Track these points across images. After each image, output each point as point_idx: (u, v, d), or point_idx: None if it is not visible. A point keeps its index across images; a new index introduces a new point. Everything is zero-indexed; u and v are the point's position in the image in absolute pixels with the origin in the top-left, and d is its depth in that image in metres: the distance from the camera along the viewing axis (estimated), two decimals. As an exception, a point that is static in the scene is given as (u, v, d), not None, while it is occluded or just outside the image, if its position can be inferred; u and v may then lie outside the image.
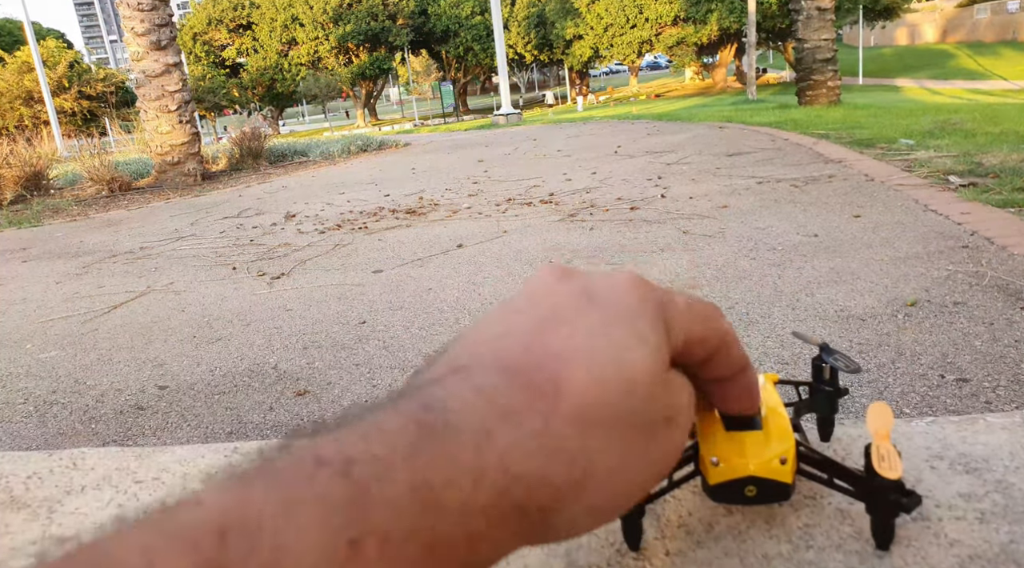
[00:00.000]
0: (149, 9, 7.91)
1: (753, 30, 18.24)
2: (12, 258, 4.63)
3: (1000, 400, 1.56)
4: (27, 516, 0.49)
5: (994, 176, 3.82)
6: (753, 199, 3.97)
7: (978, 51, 33.15)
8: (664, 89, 37.54)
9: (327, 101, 39.71)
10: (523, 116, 17.81)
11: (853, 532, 0.37)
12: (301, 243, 4.11)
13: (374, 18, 32.95)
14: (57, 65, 28.06)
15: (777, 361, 1.87)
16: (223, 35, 35.09)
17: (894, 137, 5.87)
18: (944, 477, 0.40)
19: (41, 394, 2.18)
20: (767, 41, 30.92)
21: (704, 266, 2.79)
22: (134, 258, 4.19)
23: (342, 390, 1.99)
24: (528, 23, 34.89)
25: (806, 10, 11.99)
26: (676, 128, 9.25)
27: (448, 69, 38.03)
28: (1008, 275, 2.33)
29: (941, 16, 39.32)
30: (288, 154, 10.37)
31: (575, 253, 3.21)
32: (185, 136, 8.34)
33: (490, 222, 4.15)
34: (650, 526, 0.39)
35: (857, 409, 1.58)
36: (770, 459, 0.38)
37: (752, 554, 0.36)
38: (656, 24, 29.68)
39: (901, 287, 2.31)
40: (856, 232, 3.05)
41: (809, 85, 12.35)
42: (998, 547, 0.33)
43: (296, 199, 6.09)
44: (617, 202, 4.32)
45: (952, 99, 18.60)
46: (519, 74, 44.84)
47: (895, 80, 28.54)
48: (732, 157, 5.77)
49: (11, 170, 7.78)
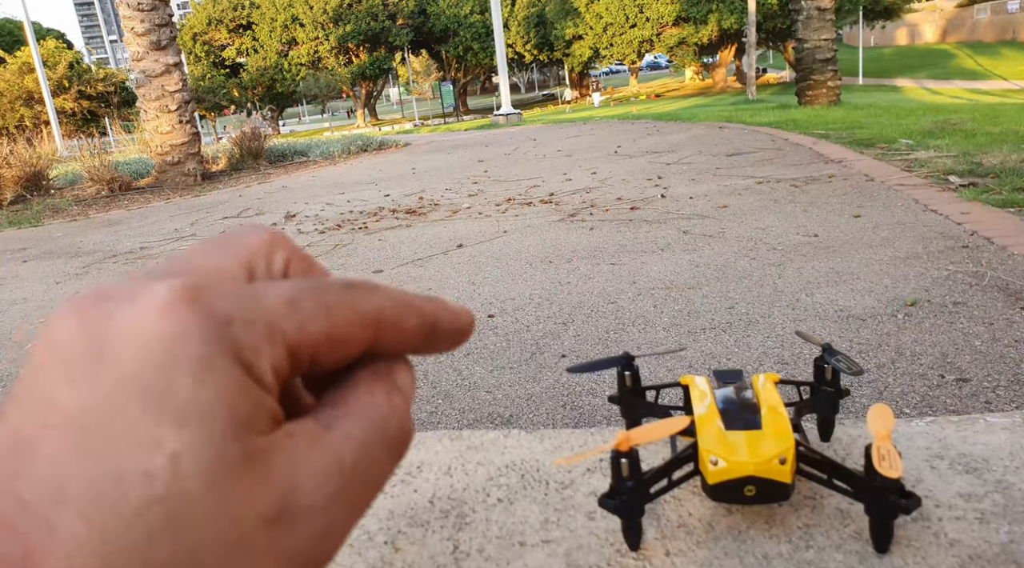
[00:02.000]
0: (149, 9, 7.91)
1: (753, 30, 18.25)
2: (12, 258, 4.63)
3: (1000, 400, 1.56)
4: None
5: (994, 176, 3.82)
6: (753, 199, 3.97)
7: (978, 51, 33.13)
8: (664, 89, 37.54)
9: (327, 101, 39.72)
10: (523, 116, 17.81)
11: (853, 532, 0.37)
12: (301, 243, 4.11)
13: (374, 18, 32.94)
14: (57, 65, 28.06)
15: (777, 361, 1.87)
16: (223, 35, 35.08)
17: (894, 137, 5.87)
18: (944, 477, 0.40)
19: (41, 394, 2.18)
20: (767, 41, 30.92)
21: (704, 266, 2.79)
22: (134, 258, 4.19)
23: (342, 390, 1.99)
24: (528, 23, 34.88)
25: (806, 10, 11.99)
26: (676, 128, 9.25)
27: (448, 69, 38.02)
28: (1008, 275, 2.33)
29: (941, 16, 39.31)
30: (288, 154, 10.37)
31: (575, 253, 3.21)
32: (185, 136, 8.34)
33: (490, 222, 4.15)
34: (650, 526, 0.39)
35: (857, 409, 1.58)
36: (770, 459, 0.38)
37: (752, 554, 0.36)
38: (657, 24, 29.67)
39: (901, 287, 2.31)
40: (856, 232, 3.05)
41: (809, 85, 12.35)
42: (998, 547, 0.33)
43: (296, 199, 6.09)
44: (617, 202, 4.32)
45: (952, 99, 18.60)
46: (519, 74, 44.84)
47: (895, 80, 28.53)
48: (732, 157, 5.77)
49: (11, 170, 7.78)
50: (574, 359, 2.03)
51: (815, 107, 11.56)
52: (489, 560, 0.39)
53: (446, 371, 2.03)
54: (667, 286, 2.59)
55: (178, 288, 0.17)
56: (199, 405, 0.16)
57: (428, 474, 0.50)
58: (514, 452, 0.53)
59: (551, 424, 1.68)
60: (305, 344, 0.18)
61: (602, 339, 2.14)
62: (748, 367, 1.83)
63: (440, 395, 1.88)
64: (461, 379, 1.97)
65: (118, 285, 0.18)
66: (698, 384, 0.55)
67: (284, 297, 0.18)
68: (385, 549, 0.65)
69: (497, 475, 0.50)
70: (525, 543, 0.40)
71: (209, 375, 0.16)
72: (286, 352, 0.17)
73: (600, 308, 2.42)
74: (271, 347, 0.17)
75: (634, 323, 2.25)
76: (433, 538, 0.64)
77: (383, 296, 0.20)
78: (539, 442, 0.55)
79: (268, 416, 0.17)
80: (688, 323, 2.20)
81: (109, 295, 0.17)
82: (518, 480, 0.49)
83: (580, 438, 0.55)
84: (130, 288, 0.17)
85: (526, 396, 1.83)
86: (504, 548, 0.40)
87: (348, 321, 0.19)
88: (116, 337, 0.16)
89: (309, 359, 0.18)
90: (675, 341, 2.08)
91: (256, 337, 0.17)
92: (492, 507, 0.45)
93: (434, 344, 0.21)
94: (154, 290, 0.17)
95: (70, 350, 0.16)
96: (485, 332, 2.31)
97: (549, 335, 2.22)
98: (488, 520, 0.43)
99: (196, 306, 0.16)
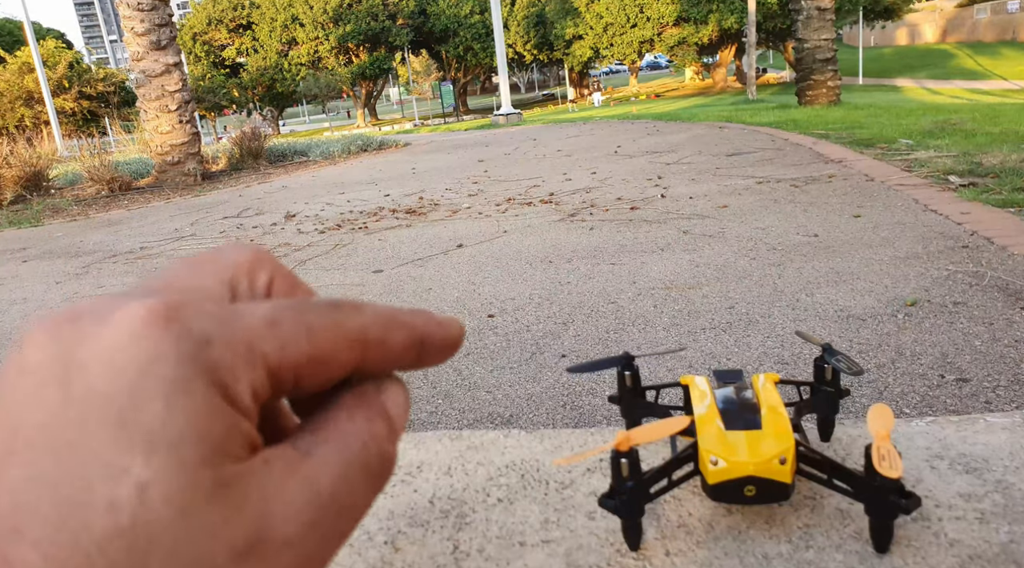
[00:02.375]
0: (149, 9, 7.91)
1: (753, 30, 18.25)
2: (12, 258, 4.63)
3: (1000, 400, 1.56)
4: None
5: (994, 176, 3.82)
6: (753, 199, 3.97)
7: (978, 51, 33.13)
8: (664, 89, 37.54)
9: (327, 101, 39.71)
10: (523, 116, 17.81)
11: (853, 532, 0.37)
12: (301, 243, 4.11)
13: (374, 18, 32.94)
14: (57, 65, 28.06)
15: (777, 361, 1.87)
16: (223, 35, 35.08)
17: (894, 137, 5.87)
18: (944, 477, 0.40)
19: (41, 394, 2.18)
20: (767, 41, 30.91)
21: (704, 266, 2.79)
22: (134, 258, 4.19)
23: (342, 390, 1.99)
24: (528, 23, 34.88)
25: (806, 10, 11.99)
26: (676, 128, 9.25)
27: (448, 69, 38.02)
28: (1008, 275, 2.33)
29: (941, 16, 39.31)
30: (288, 154, 10.37)
31: (575, 253, 3.21)
32: (185, 136, 8.34)
33: (490, 222, 4.15)
34: (650, 526, 0.39)
35: (857, 409, 1.58)
36: (770, 459, 0.38)
37: (752, 554, 0.36)
38: (658, 24, 29.67)
39: (901, 287, 2.31)
40: (856, 232, 3.05)
41: (809, 85, 12.35)
42: (998, 547, 0.33)
43: (296, 199, 6.09)
44: (617, 202, 4.32)
45: (952, 99, 18.60)
46: (519, 74, 44.84)
47: (895, 80, 28.53)
48: (732, 157, 5.77)
49: (11, 170, 7.78)
50: (574, 359, 2.03)
51: (815, 107, 11.56)
52: (489, 560, 0.39)
53: (446, 371, 2.03)
54: (667, 286, 2.59)
55: (154, 307, 0.16)
56: (170, 431, 0.15)
57: (428, 474, 0.50)
58: (514, 452, 0.53)
59: (551, 424, 1.68)
60: (287, 366, 0.17)
61: (602, 339, 2.14)
62: (748, 367, 1.83)
63: (440, 395, 1.89)
64: (461, 379, 1.97)
65: (93, 303, 0.17)
66: (698, 384, 0.56)
67: (265, 317, 0.17)
68: (385, 549, 0.65)
69: (497, 475, 0.50)
70: (525, 543, 0.40)
71: (183, 399, 0.15)
72: (266, 374, 0.17)
73: (600, 308, 2.42)
74: (250, 369, 0.16)
75: (634, 323, 2.25)
76: (433, 538, 0.64)
77: (368, 314, 0.19)
78: (539, 442, 0.55)
79: (244, 441, 0.16)
80: (688, 323, 2.20)
81: (83, 314, 0.16)
82: (518, 480, 0.49)
83: (580, 438, 0.55)
84: (105, 306, 0.16)
85: (526, 396, 1.83)
86: (504, 548, 0.40)
87: (332, 341, 0.18)
88: (87, 358, 0.15)
89: (292, 381, 0.18)
90: (675, 341, 2.08)
91: (234, 358, 0.16)
92: (492, 507, 0.45)
93: (424, 359, 0.20)
94: (129, 309, 0.16)
95: (39, 371, 0.16)
96: (485, 332, 2.31)
97: (549, 335, 2.22)
98: (488, 520, 0.43)
99: (172, 326, 0.16)
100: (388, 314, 0.20)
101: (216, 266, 0.20)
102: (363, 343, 0.19)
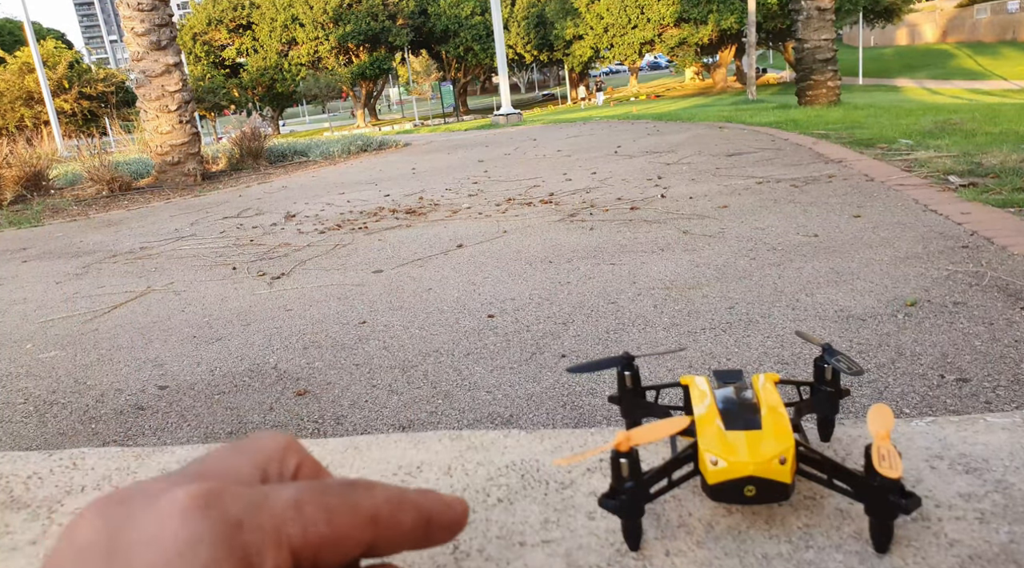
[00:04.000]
0: (149, 9, 7.91)
1: (753, 30, 18.25)
2: (12, 258, 4.63)
3: (1000, 400, 1.56)
4: (27, 516, 0.49)
5: (994, 176, 3.82)
6: (753, 199, 3.97)
7: (978, 51, 33.13)
8: (664, 89, 37.53)
9: (327, 101, 39.70)
10: (523, 116, 17.81)
11: (853, 532, 0.37)
12: (301, 243, 4.11)
13: (374, 18, 32.93)
14: (57, 65, 28.05)
15: (777, 361, 1.87)
16: (223, 35, 35.07)
17: (894, 137, 5.87)
18: (944, 477, 0.39)
19: (41, 394, 2.18)
20: (767, 41, 30.92)
21: (704, 266, 2.79)
22: (134, 258, 4.19)
23: (342, 390, 1.99)
24: (528, 23, 34.88)
25: (806, 10, 11.99)
26: (676, 128, 9.25)
27: (448, 69, 38.02)
28: (1008, 275, 2.33)
29: (941, 16, 39.31)
30: (288, 154, 10.37)
31: (575, 253, 3.21)
32: (185, 136, 8.34)
33: (490, 222, 4.15)
34: (650, 526, 0.39)
35: (857, 409, 1.58)
36: (770, 459, 0.38)
37: (752, 554, 0.36)
38: (658, 24, 29.67)
39: (901, 287, 2.31)
40: (856, 232, 3.05)
41: (809, 85, 12.35)
42: (998, 547, 0.33)
43: (296, 199, 6.09)
44: (617, 202, 4.32)
45: (952, 99, 18.60)
46: (519, 74, 44.84)
47: (895, 80, 28.52)
48: (732, 157, 5.77)
49: (11, 170, 7.78)
50: (574, 359, 2.03)
51: (815, 107, 11.56)
52: (489, 560, 0.39)
53: (446, 371, 2.03)
54: (667, 286, 2.59)
55: (195, 494, 0.18)
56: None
57: (428, 474, 0.50)
58: (514, 452, 0.53)
59: (551, 424, 1.68)
60: (308, 545, 0.19)
61: (602, 339, 2.14)
62: (748, 367, 1.83)
63: (440, 395, 1.88)
64: (461, 379, 1.97)
65: (142, 486, 0.20)
66: (698, 384, 0.55)
67: (291, 500, 0.20)
68: (385, 549, 0.65)
69: (497, 475, 0.50)
70: (525, 543, 0.40)
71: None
72: (289, 554, 0.19)
73: (600, 308, 2.42)
74: (276, 551, 0.19)
75: (634, 323, 2.25)
76: (433, 538, 0.63)
77: (380, 494, 0.21)
78: (539, 442, 0.55)
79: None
80: (688, 323, 2.20)
81: (132, 497, 0.19)
82: (518, 480, 0.49)
83: (580, 438, 0.55)
84: (152, 491, 0.19)
85: (526, 396, 1.83)
86: (504, 548, 0.40)
87: (349, 522, 0.20)
88: (133, 539, 0.18)
89: (311, 560, 0.19)
90: (675, 341, 2.08)
91: (263, 541, 0.18)
92: (492, 507, 0.45)
93: (430, 537, 0.22)
94: (173, 496, 0.19)
95: (88, 549, 0.18)
96: (485, 332, 2.31)
97: (549, 335, 2.22)
98: (488, 520, 0.43)
99: (211, 511, 0.18)
100: (398, 494, 0.22)
101: (252, 451, 0.23)
102: (375, 522, 0.21)
